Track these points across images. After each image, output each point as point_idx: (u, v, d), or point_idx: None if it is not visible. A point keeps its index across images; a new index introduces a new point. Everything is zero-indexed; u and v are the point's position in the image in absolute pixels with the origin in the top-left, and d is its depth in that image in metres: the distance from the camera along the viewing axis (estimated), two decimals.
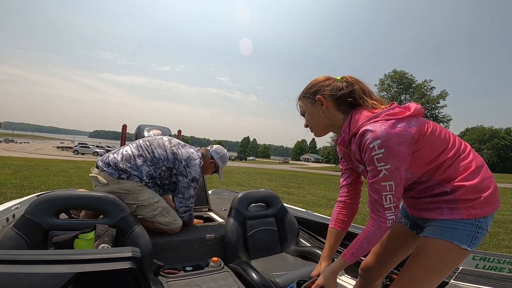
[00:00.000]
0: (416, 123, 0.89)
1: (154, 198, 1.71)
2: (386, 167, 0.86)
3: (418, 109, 0.93)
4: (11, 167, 9.57)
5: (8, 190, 5.63)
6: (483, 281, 1.35)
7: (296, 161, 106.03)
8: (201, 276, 1.49)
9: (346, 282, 1.70)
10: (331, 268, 1.03)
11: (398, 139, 0.84)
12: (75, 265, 0.65)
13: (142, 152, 1.71)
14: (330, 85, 1.02)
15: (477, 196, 0.88)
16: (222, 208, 2.46)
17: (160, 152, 1.72)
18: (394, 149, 0.84)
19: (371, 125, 0.88)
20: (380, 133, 0.85)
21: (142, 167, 1.67)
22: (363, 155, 0.91)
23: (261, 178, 14.52)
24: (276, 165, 50.51)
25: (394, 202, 0.89)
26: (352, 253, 0.97)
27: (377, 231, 0.92)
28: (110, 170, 1.62)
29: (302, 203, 7.22)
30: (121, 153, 1.70)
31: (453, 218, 0.89)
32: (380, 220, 0.91)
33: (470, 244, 0.88)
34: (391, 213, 0.90)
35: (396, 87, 33.78)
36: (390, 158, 0.85)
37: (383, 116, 0.89)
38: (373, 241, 0.94)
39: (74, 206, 1.38)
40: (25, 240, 1.16)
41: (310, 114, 1.07)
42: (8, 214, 1.58)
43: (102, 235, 1.26)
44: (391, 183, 0.87)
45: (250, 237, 1.80)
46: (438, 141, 0.92)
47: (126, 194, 1.64)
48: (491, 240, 4.55)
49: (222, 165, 1.99)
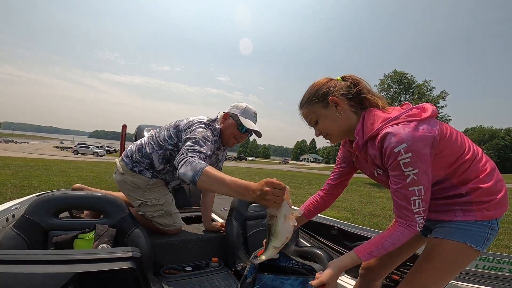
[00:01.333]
0: (436, 124, 0.86)
1: (160, 200, 1.68)
2: (414, 172, 0.82)
3: (434, 110, 0.89)
4: (11, 167, 9.57)
5: (8, 190, 5.63)
6: (483, 281, 1.36)
7: (296, 161, 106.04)
8: (201, 276, 1.49)
9: (346, 282, 1.70)
10: (341, 263, 0.92)
11: (424, 142, 0.81)
12: (75, 265, 0.65)
13: (151, 140, 1.68)
14: (337, 85, 0.96)
15: (491, 198, 0.88)
16: (222, 208, 2.46)
17: (164, 133, 1.63)
18: (421, 152, 0.80)
19: (393, 127, 0.83)
20: (405, 136, 0.80)
21: (153, 154, 1.63)
22: (386, 160, 0.86)
23: (261, 179, 14.41)
24: (276, 165, 50.53)
25: (423, 206, 0.85)
26: (371, 251, 0.90)
27: (406, 233, 0.88)
28: (127, 160, 1.66)
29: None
30: (136, 144, 1.71)
31: (467, 220, 0.89)
32: (411, 223, 0.87)
33: (482, 245, 0.88)
34: (420, 217, 0.86)
35: (396, 87, 33.77)
36: (419, 162, 0.81)
37: (404, 118, 0.85)
38: (398, 242, 0.89)
39: (74, 206, 1.38)
40: (25, 240, 1.16)
41: (324, 119, 0.98)
42: (8, 214, 1.58)
43: (102, 235, 1.26)
44: (420, 188, 0.83)
45: (250, 237, 1.80)
46: (457, 144, 0.90)
47: (135, 188, 1.64)
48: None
49: (240, 113, 1.58)
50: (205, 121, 1.53)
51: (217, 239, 1.79)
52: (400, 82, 32.15)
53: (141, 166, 1.65)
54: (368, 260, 0.93)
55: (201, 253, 1.73)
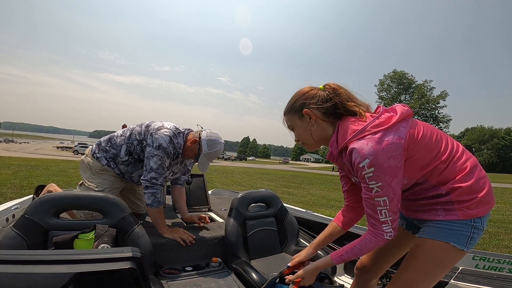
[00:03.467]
0: (406, 129, 0.87)
1: (99, 187, 1.73)
2: (378, 185, 0.85)
3: (405, 111, 0.91)
4: (11, 167, 9.56)
5: (8, 190, 5.63)
6: (483, 281, 1.35)
7: (296, 161, 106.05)
8: (201, 276, 1.49)
9: (346, 282, 1.70)
10: (315, 264, 1.06)
11: (387, 155, 0.83)
12: (75, 265, 0.65)
13: (125, 132, 1.80)
14: (314, 96, 0.99)
15: (472, 197, 0.88)
16: (222, 208, 2.46)
17: (136, 129, 1.77)
18: (383, 166, 0.83)
19: (357, 143, 0.86)
20: (368, 152, 0.83)
21: (122, 146, 1.75)
22: (355, 173, 0.90)
23: (261, 178, 14.49)
24: (276, 165, 50.53)
25: (391, 216, 0.88)
26: (342, 255, 0.98)
27: (373, 241, 0.92)
28: (94, 147, 1.82)
29: (302, 203, 7.22)
30: (109, 135, 1.85)
31: (449, 219, 0.90)
32: (377, 232, 0.91)
33: (466, 245, 0.88)
34: (388, 226, 0.89)
35: (396, 87, 33.80)
36: (381, 176, 0.84)
37: (369, 130, 0.87)
38: (366, 250, 0.94)
39: (74, 206, 1.38)
40: (25, 240, 1.16)
41: (299, 129, 1.04)
42: (8, 214, 1.58)
43: (102, 235, 1.26)
44: (385, 199, 0.86)
45: (250, 237, 1.80)
46: (430, 145, 0.91)
47: (87, 169, 1.78)
48: (491, 240, 4.55)
49: (207, 151, 1.65)
50: (170, 137, 1.64)
51: (217, 239, 1.79)
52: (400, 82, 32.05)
53: (103, 154, 1.77)
54: (339, 263, 1.00)
55: (201, 253, 1.73)
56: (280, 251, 1.88)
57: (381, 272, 1.25)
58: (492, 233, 4.93)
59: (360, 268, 1.26)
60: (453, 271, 1.42)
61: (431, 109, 32.89)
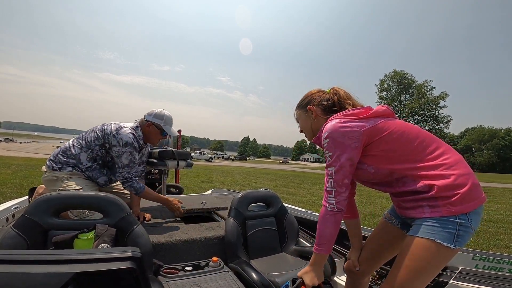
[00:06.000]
0: (374, 122, 1.00)
1: (77, 187, 1.74)
2: (329, 154, 1.02)
3: (381, 110, 1.05)
4: (11, 167, 9.57)
5: (8, 189, 5.63)
6: (483, 281, 1.35)
7: (296, 161, 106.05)
8: (201, 276, 1.49)
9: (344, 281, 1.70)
10: (310, 261, 1.11)
11: (342, 133, 0.98)
12: (75, 265, 0.65)
13: (77, 142, 1.85)
14: (319, 96, 1.19)
15: (454, 193, 0.89)
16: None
17: (91, 135, 1.84)
18: (337, 140, 0.99)
19: (328, 122, 1.05)
20: (329, 127, 1.02)
21: (81, 154, 1.81)
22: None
23: (261, 178, 14.49)
24: (276, 165, 50.55)
25: (335, 187, 1.01)
26: (317, 243, 1.06)
27: (323, 212, 1.04)
28: (49, 163, 1.80)
29: (302, 203, 7.22)
30: (60, 148, 1.87)
31: (433, 216, 0.91)
32: (324, 204, 1.04)
33: (453, 242, 0.88)
34: (331, 198, 1.01)
35: (396, 87, 33.76)
36: (333, 147, 1.00)
37: (339, 116, 1.04)
38: (326, 226, 1.03)
39: (74, 205, 1.38)
40: (25, 240, 1.16)
41: (303, 121, 1.25)
42: (8, 214, 1.58)
43: (101, 235, 1.26)
44: (332, 169, 1.01)
45: (250, 237, 1.80)
46: (400, 141, 0.99)
47: (55, 180, 1.76)
48: (491, 240, 4.55)
49: (161, 122, 1.92)
50: (133, 133, 1.82)
51: (217, 238, 1.79)
52: (400, 82, 32.04)
53: (64, 164, 1.79)
54: (321, 252, 1.06)
55: (201, 252, 1.73)
56: (280, 251, 1.88)
57: (372, 270, 1.30)
58: (492, 233, 4.92)
59: (348, 269, 1.32)
60: (453, 271, 1.42)
61: (431, 109, 32.88)
